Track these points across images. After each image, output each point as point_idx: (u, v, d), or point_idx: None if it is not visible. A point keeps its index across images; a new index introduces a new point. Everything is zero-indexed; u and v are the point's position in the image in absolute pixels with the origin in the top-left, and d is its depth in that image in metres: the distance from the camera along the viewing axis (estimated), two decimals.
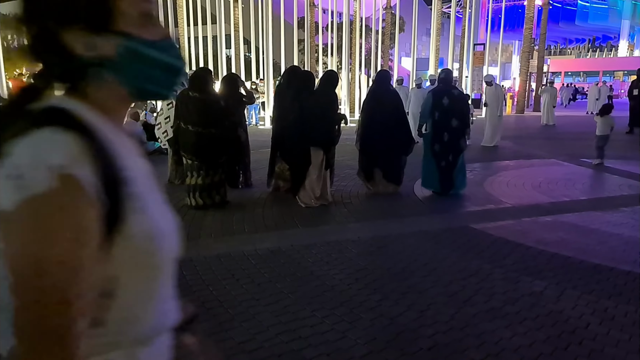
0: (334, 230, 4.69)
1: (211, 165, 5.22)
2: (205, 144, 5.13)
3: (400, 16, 27.68)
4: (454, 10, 22.16)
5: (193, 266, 3.64)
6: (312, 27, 24.44)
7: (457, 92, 6.18)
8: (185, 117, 5.17)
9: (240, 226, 4.75)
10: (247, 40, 25.95)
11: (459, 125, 5.98)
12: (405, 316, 2.89)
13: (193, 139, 5.11)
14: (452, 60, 22.18)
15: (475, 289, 3.30)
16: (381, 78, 6.36)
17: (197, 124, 5.09)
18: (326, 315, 2.87)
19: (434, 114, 6.02)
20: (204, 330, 2.59)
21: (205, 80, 5.31)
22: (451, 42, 21.92)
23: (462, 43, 25.87)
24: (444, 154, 6.01)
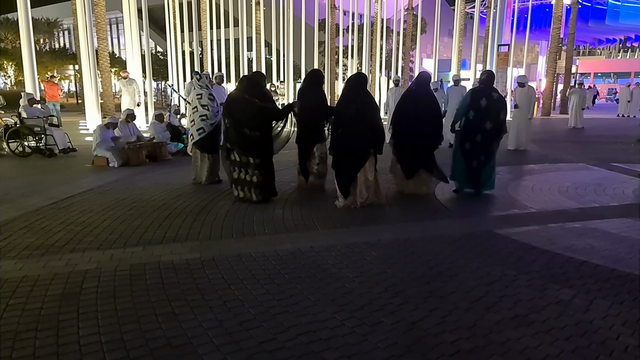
0: (353, 233, 4.67)
1: (254, 165, 5.56)
2: (254, 144, 5.53)
3: (422, 17, 27.47)
4: (478, 10, 21.86)
5: (215, 265, 3.68)
6: (333, 29, 24.45)
7: (497, 95, 6.10)
8: (240, 120, 5.49)
9: (261, 227, 4.78)
10: (268, 43, 26.14)
11: (492, 128, 5.97)
12: (426, 321, 2.86)
13: (249, 140, 5.50)
14: (475, 61, 21.87)
15: (499, 295, 3.24)
16: (421, 80, 6.34)
17: (254, 129, 5.49)
18: (346, 318, 2.86)
19: (469, 113, 6.03)
20: (226, 329, 2.62)
21: (260, 85, 5.76)
22: (474, 42, 21.63)
23: (486, 44, 25.52)
24: (474, 154, 6.04)
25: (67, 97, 37.55)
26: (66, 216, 4.97)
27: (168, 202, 5.67)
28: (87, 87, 14.15)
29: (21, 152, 9.13)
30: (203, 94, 6.51)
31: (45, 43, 42.02)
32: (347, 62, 28.02)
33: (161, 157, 8.84)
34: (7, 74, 36.11)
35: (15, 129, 9.15)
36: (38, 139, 9.20)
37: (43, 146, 9.17)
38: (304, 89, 6.38)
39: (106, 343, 2.53)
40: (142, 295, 3.14)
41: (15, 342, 2.51)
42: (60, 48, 43.83)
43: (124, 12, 15.43)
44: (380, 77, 26.24)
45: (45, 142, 9.18)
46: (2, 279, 3.32)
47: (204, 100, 6.48)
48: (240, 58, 19.75)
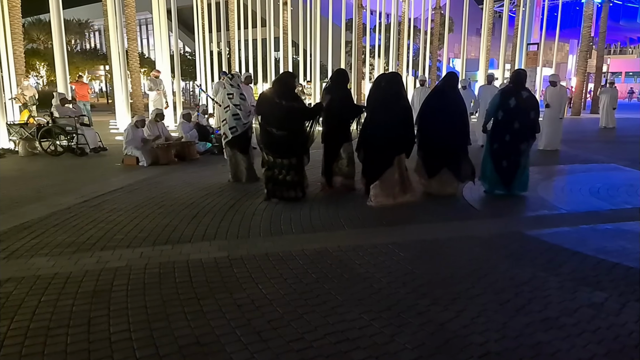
0: (380, 233, 4.64)
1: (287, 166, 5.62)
2: (284, 145, 5.59)
3: (450, 16, 27.11)
4: (507, 9, 21.42)
5: (243, 264, 3.71)
6: (360, 28, 24.37)
7: (527, 94, 5.95)
8: (269, 120, 5.58)
9: (288, 226, 4.79)
10: (295, 43, 26.23)
11: (521, 128, 5.83)
12: (455, 322, 2.81)
13: (278, 141, 5.57)
14: (503, 60, 21.46)
15: (529, 297, 3.16)
16: (449, 81, 6.24)
17: (283, 129, 5.53)
18: (374, 318, 2.84)
19: (498, 113, 5.94)
20: (254, 328, 2.63)
21: (289, 86, 5.79)
22: (503, 41, 21.21)
23: (515, 43, 25.02)
24: (503, 154, 5.93)
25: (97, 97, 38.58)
26: (97, 214, 5.09)
27: (196, 200, 5.74)
28: (117, 87, 14.49)
29: (53, 151, 9.41)
30: (234, 94, 6.57)
31: (76, 44, 43.25)
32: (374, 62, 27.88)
33: (189, 156, 8.98)
34: (40, 74, 37.32)
35: (48, 129, 9.43)
36: (70, 138, 9.46)
37: (74, 145, 9.42)
38: (329, 88, 6.36)
39: (136, 340, 2.57)
40: (171, 293, 3.18)
41: (48, 338, 2.58)
42: (91, 49, 45.06)
43: (154, 13, 15.72)
44: (407, 77, 26.02)
45: (76, 141, 9.44)
46: (35, 276, 3.42)
47: (236, 99, 6.55)
48: (268, 58, 19.88)
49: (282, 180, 5.67)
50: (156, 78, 14.12)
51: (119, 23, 14.35)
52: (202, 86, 19.13)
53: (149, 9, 17.06)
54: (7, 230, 4.45)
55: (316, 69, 20.84)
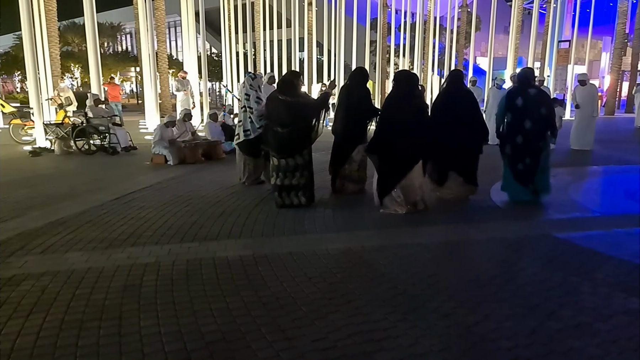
0: (404, 233, 4.60)
1: (294, 167, 5.41)
2: (289, 143, 5.41)
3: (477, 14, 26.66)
4: (537, 6, 20.92)
5: (267, 262, 3.74)
6: (385, 28, 24.24)
7: (535, 91, 5.69)
8: (273, 119, 5.48)
9: (312, 225, 4.81)
10: (319, 43, 26.28)
11: (534, 127, 5.55)
12: (482, 326, 2.77)
13: (281, 140, 5.41)
14: (532, 58, 20.96)
15: (560, 302, 3.08)
16: (454, 78, 6.09)
17: (286, 125, 5.37)
18: (399, 320, 2.82)
19: (506, 116, 5.74)
20: (279, 326, 2.65)
21: (294, 84, 5.61)
22: (532, 39, 20.71)
23: (545, 40, 24.45)
24: (518, 157, 5.67)
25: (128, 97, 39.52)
26: (127, 211, 5.22)
27: (222, 199, 5.82)
28: (147, 88, 14.82)
29: (87, 150, 9.69)
30: (251, 95, 6.34)
31: (109, 46, 44.46)
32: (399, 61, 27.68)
33: (216, 155, 9.11)
34: (74, 76, 38.48)
35: (82, 128, 9.72)
36: (102, 137, 9.74)
37: (107, 144, 9.69)
38: (347, 87, 6.17)
39: (165, 334, 2.63)
40: (198, 289, 3.24)
41: (81, 331, 2.66)
42: (122, 51, 46.20)
43: (182, 15, 16.01)
44: (432, 76, 25.75)
45: (108, 141, 9.70)
46: (70, 270, 3.53)
47: (251, 102, 6.33)
48: (293, 58, 19.98)
49: (290, 185, 5.44)
50: (183, 79, 14.38)
51: (149, 26, 14.68)
52: (228, 86, 19.37)
53: (177, 11, 17.37)
54: (43, 226, 4.61)
55: (340, 69, 20.83)
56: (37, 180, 6.98)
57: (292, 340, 2.58)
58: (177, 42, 45.76)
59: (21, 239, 4.21)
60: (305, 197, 5.50)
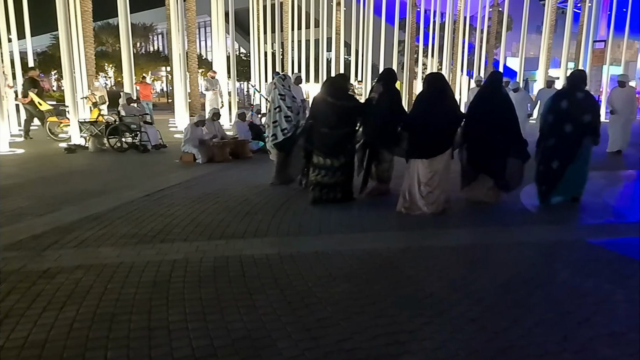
0: (431, 236, 4.55)
1: (337, 167, 5.55)
2: (337, 144, 5.56)
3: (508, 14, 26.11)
4: (571, 5, 20.34)
5: (293, 261, 3.76)
6: (413, 27, 24.01)
7: (583, 95, 5.52)
8: (321, 120, 5.62)
9: (337, 226, 4.81)
10: (347, 43, 26.25)
11: (574, 132, 5.39)
12: (510, 332, 2.71)
13: (328, 141, 5.55)
14: (566, 59, 20.38)
15: (593, 310, 2.99)
16: (493, 80, 5.96)
17: (334, 127, 5.53)
18: (424, 323, 2.79)
19: (548, 117, 5.61)
20: (304, 325, 2.66)
21: (343, 87, 5.84)
22: (566, 39, 20.13)
23: (579, 40, 23.74)
24: (547, 159, 5.55)
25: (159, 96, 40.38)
26: (157, 208, 5.33)
27: (249, 198, 5.88)
28: (177, 88, 15.10)
29: (119, 148, 9.94)
30: (286, 95, 6.58)
31: (141, 46, 45.56)
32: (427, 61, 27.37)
33: (243, 154, 9.21)
34: (108, 75, 39.58)
35: (115, 126, 9.98)
36: (134, 135, 9.98)
37: (138, 142, 9.93)
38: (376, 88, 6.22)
39: (192, 330, 2.68)
40: (224, 286, 3.28)
41: (112, 324, 2.74)
42: (154, 51, 47.26)
43: (212, 16, 16.27)
44: (461, 77, 25.36)
45: (140, 139, 9.93)
46: (102, 264, 3.64)
47: (288, 101, 6.53)
48: (320, 58, 20.01)
49: (329, 183, 5.59)
50: (212, 78, 14.59)
51: (180, 26, 14.95)
52: (256, 86, 19.56)
53: (208, 12, 17.66)
54: (78, 221, 4.76)
55: (367, 69, 20.75)
56: (72, 177, 7.21)
57: (317, 340, 2.59)
58: (207, 42, 46.49)
59: (56, 233, 4.36)
60: (343, 192, 5.65)
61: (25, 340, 2.53)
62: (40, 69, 35.35)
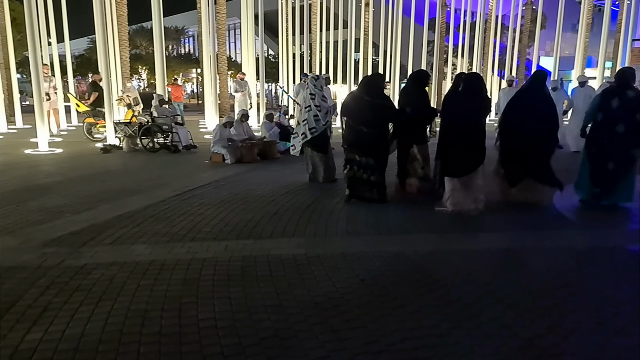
0: (461, 239, 4.48)
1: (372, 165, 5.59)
2: (372, 142, 5.59)
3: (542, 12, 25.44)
4: (609, 2, 19.66)
5: (320, 262, 3.77)
6: (443, 27, 23.70)
7: (634, 94, 5.35)
8: (357, 118, 5.64)
9: (364, 227, 4.80)
10: (375, 44, 26.13)
11: (627, 132, 5.27)
12: (544, 339, 2.64)
13: (364, 139, 5.58)
14: (603, 58, 19.71)
15: (631, 319, 2.88)
16: (535, 79, 5.82)
17: (370, 125, 5.55)
18: (453, 327, 2.75)
19: (597, 115, 5.48)
20: (330, 326, 2.66)
21: (379, 86, 5.86)
22: (604, 37, 19.46)
23: (617, 39, 22.91)
24: (602, 160, 5.43)
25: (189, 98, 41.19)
26: (187, 207, 5.44)
27: (277, 198, 5.93)
28: (207, 89, 15.37)
29: (151, 148, 10.19)
30: (317, 95, 6.71)
31: (173, 49, 46.56)
32: (457, 62, 26.96)
33: (271, 155, 9.29)
34: (141, 77, 40.61)
35: (148, 127, 10.24)
36: (166, 136, 10.21)
37: (169, 143, 10.15)
38: (407, 89, 6.25)
39: (221, 328, 2.72)
40: (252, 286, 3.32)
41: (145, 320, 2.80)
42: (185, 53, 48.24)
43: (242, 18, 16.47)
44: (492, 77, 24.85)
45: (171, 139, 10.15)
46: (135, 262, 3.73)
47: (317, 100, 6.68)
48: (348, 59, 20.00)
49: (365, 180, 5.64)
50: (242, 80, 14.77)
51: (211, 29, 15.21)
52: (284, 87, 19.70)
53: (237, 14, 17.89)
54: (112, 219, 4.90)
55: (396, 70, 20.60)
56: (107, 176, 7.43)
57: (343, 342, 2.59)
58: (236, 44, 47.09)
59: (92, 231, 4.50)
60: (378, 194, 5.66)
61: (63, 333, 2.62)
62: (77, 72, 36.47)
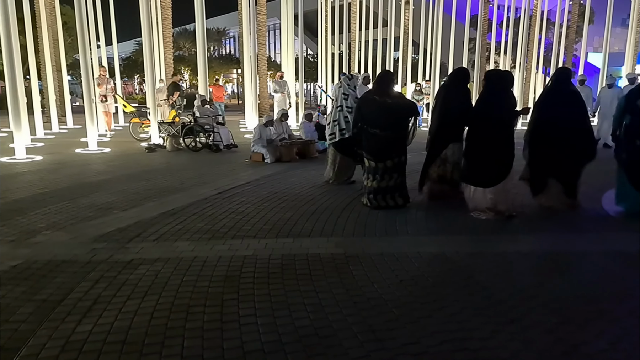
0: (502, 241, 4.37)
1: (391, 168, 5.37)
2: (388, 146, 5.36)
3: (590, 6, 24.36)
4: None
5: (359, 262, 3.77)
6: (485, 24, 23.09)
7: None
8: (372, 122, 5.41)
9: (403, 227, 4.76)
10: (415, 42, 25.80)
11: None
12: (591, 345, 2.55)
13: (380, 143, 5.36)
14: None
15: None
16: (560, 76, 5.60)
17: (385, 128, 5.34)
18: (495, 331, 2.69)
19: (624, 118, 5.19)
20: (370, 326, 2.66)
21: (390, 85, 5.60)
22: None
23: None
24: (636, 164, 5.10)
25: (230, 98, 42.03)
26: (228, 205, 5.56)
27: (315, 197, 5.97)
28: (247, 89, 15.63)
29: (194, 147, 10.47)
30: (350, 95, 6.50)
31: (214, 50, 47.64)
32: (499, 59, 26.22)
33: (309, 154, 9.36)
34: (184, 78, 41.75)
35: (190, 127, 10.53)
36: (207, 135, 10.47)
37: (211, 142, 10.40)
38: (447, 86, 5.98)
39: (262, 325, 2.77)
40: (292, 284, 3.36)
41: (188, 315, 2.89)
42: (226, 54, 49.23)
43: (282, 18, 16.65)
44: (536, 75, 24.03)
45: (212, 139, 10.40)
46: (179, 258, 3.86)
47: (350, 102, 6.46)
48: (387, 58, 19.84)
49: (386, 187, 5.41)
50: (281, 79, 14.94)
51: (252, 29, 15.46)
52: (323, 87, 19.76)
53: (277, 15, 18.11)
54: (157, 216, 5.08)
55: (436, 68, 20.27)
56: (152, 174, 7.70)
57: (383, 342, 2.58)
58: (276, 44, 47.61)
59: (138, 227, 4.69)
60: (402, 197, 5.49)
61: (112, 325, 2.75)
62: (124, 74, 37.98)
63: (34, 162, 8.91)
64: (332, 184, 6.77)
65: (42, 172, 7.87)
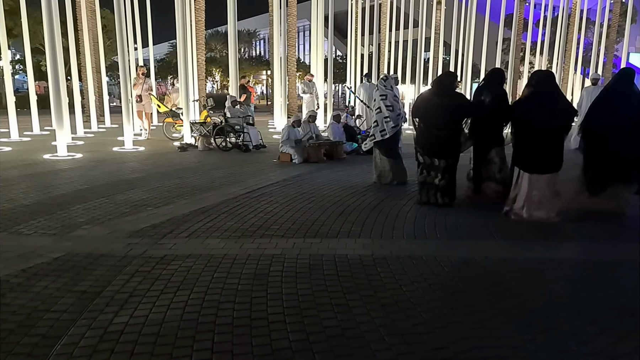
0: (536, 247, 4.26)
1: (443, 168, 5.48)
2: (443, 145, 5.48)
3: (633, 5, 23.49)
4: None
5: (386, 264, 3.75)
6: (520, 24, 22.56)
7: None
8: (429, 120, 5.52)
9: (432, 231, 4.71)
10: (446, 43, 25.45)
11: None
12: (631, 358, 2.46)
13: (436, 142, 5.48)
14: None
15: None
16: (621, 78, 5.42)
17: (443, 128, 5.43)
18: (528, 339, 2.63)
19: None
20: (397, 329, 2.63)
21: (452, 86, 5.71)
22: None
23: None
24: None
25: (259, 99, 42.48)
26: (257, 205, 5.62)
27: (343, 198, 5.97)
28: (276, 91, 15.76)
29: (224, 147, 10.64)
30: (388, 95, 6.61)
31: (245, 52, 48.24)
32: (534, 60, 25.58)
33: (337, 155, 9.36)
34: (215, 79, 42.47)
35: (221, 127, 10.70)
36: (237, 136, 10.62)
37: (241, 142, 10.54)
38: (483, 88, 5.93)
39: (289, 324, 2.79)
40: (319, 284, 3.37)
41: (218, 311, 2.94)
42: (256, 55, 49.79)
43: (312, 20, 16.72)
44: (574, 76, 23.33)
45: (242, 139, 10.54)
46: (209, 255, 3.93)
47: (390, 100, 6.60)
48: (417, 59, 19.65)
49: (436, 185, 5.52)
50: (310, 81, 14.99)
51: (282, 31, 15.59)
52: (352, 88, 19.74)
53: (307, 16, 18.19)
54: (189, 213, 5.19)
55: (468, 69, 19.93)
56: (184, 173, 7.86)
57: (411, 345, 2.56)
58: (305, 45, 47.86)
59: (171, 224, 4.80)
60: (449, 197, 5.55)
61: (146, 318, 2.82)
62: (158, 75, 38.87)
63: (74, 159, 9.26)
64: (375, 183, 6.85)
65: (82, 169, 8.16)
